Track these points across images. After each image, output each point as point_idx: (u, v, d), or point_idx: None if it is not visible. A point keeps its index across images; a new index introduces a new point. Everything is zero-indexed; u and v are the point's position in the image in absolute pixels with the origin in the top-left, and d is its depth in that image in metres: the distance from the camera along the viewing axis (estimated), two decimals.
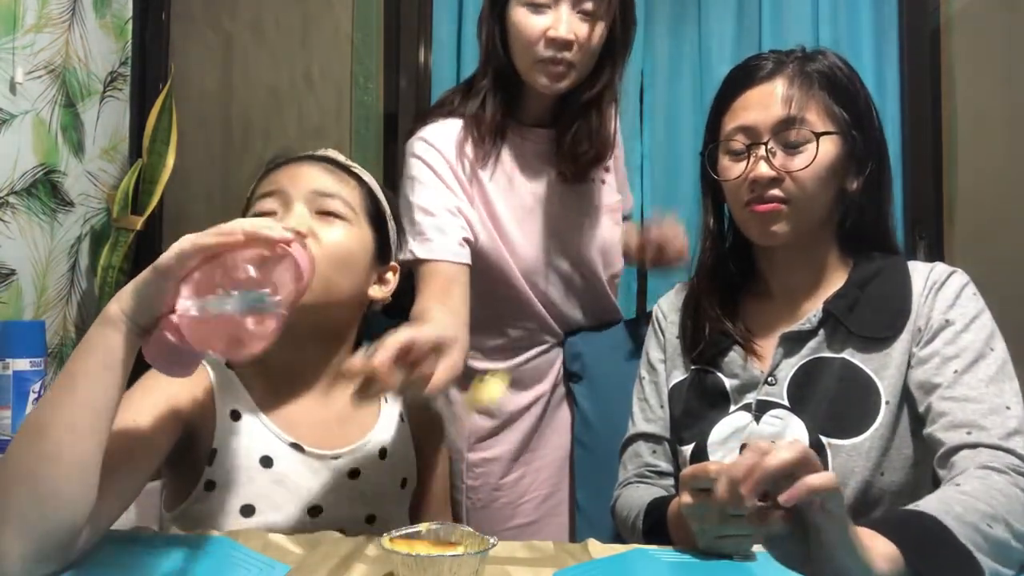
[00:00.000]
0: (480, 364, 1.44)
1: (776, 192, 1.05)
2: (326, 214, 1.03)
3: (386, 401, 1.09)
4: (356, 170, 1.12)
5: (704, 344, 1.13)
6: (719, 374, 1.12)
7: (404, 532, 0.81)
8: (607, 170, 1.52)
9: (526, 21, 1.30)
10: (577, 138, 1.40)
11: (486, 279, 1.37)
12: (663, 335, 1.24)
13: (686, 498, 0.86)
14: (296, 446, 0.98)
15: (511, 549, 0.87)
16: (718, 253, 1.18)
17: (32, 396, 1.71)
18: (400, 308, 1.14)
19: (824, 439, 1.00)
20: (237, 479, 0.95)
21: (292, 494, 0.97)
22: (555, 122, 1.43)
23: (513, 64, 1.36)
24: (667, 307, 1.26)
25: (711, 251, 1.18)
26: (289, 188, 1.04)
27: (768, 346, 1.10)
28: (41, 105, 1.88)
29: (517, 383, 1.51)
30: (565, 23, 1.28)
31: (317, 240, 0.99)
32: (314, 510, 0.97)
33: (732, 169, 1.09)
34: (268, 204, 1.03)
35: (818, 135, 1.05)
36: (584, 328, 1.58)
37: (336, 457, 1.00)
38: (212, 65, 2.28)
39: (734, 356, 1.11)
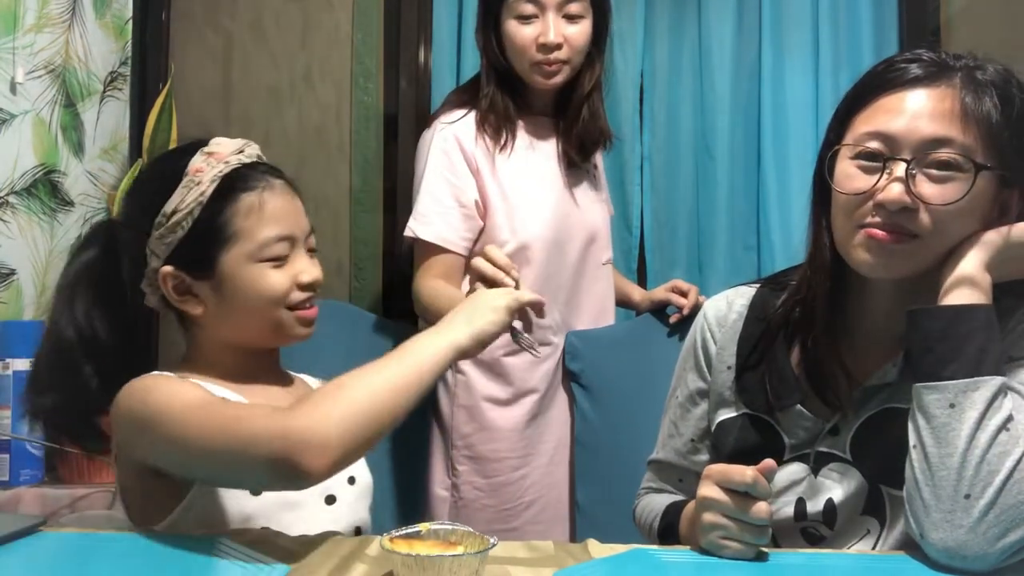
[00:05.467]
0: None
1: (905, 224, 0.87)
2: None
3: None
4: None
5: (767, 399, 1.00)
6: (776, 426, 1.00)
7: (404, 532, 0.81)
8: (596, 167, 1.71)
9: (518, 32, 1.51)
10: (578, 123, 1.60)
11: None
12: (709, 366, 1.08)
13: (708, 491, 0.85)
14: None
15: (511, 549, 0.87)
16: (821, 289, 0.96)
17: None
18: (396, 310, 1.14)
19: (884, 488, 0.93)
20: (222, 504, 0.94)
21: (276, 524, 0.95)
22: (557, 111, 1.63)
23: (513, 67, 1.56)
24: (716, 322, 1.08)
25: (814, 284, 0.97)
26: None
27: (836, 393, 0.96)
28: (41, 105, 1.87)
29: (504, 377, 1.56)
30: (553, 29, 1.49)
31: None
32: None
33: (856, 180, 0.89)
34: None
35: (977, 167, 0.85)
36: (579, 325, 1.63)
37: None
38: (212, 65, 2.28)
39: (799, 409, 0.98)
